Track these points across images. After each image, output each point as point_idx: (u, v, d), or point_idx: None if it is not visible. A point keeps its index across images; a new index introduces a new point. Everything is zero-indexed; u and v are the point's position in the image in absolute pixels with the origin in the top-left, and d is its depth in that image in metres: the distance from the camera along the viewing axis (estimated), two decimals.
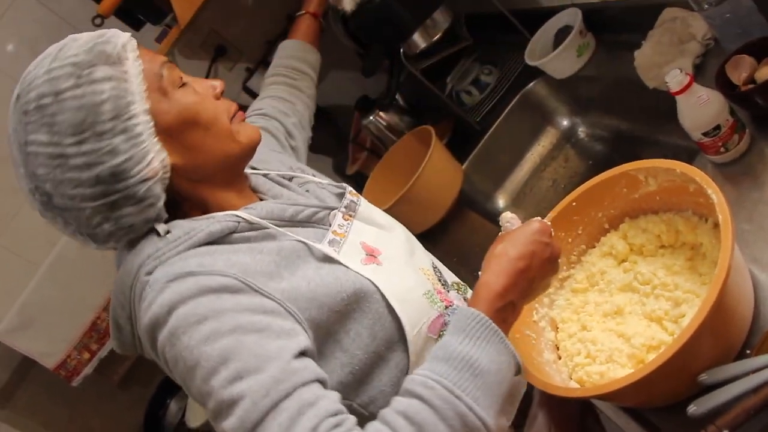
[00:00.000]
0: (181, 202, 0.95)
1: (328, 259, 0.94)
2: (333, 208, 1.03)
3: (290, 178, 1.12)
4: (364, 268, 0.95)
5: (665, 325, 0.94)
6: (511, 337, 0.98)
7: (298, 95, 1.51)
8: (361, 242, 1.00)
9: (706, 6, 1.14)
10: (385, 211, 1.59)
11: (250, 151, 1.00)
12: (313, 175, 1.16)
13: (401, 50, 1.76)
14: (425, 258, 1.13)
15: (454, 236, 1.74)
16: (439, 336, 0.98)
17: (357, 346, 0.92)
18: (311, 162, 2.59)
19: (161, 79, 0.90)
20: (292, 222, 0.98)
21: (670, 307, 0.95)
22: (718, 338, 0.86)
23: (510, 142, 1.83)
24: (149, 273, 0.87)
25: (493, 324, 0.81)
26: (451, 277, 1.17)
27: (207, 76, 2.36)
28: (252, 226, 0.93)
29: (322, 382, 0.81)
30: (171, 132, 0.91)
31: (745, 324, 0.90)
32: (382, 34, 1.69)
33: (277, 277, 0.88)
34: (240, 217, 0.93)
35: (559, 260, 0.93)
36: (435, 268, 1.13)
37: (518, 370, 0.84)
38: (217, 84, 0.98)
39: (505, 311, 0.85)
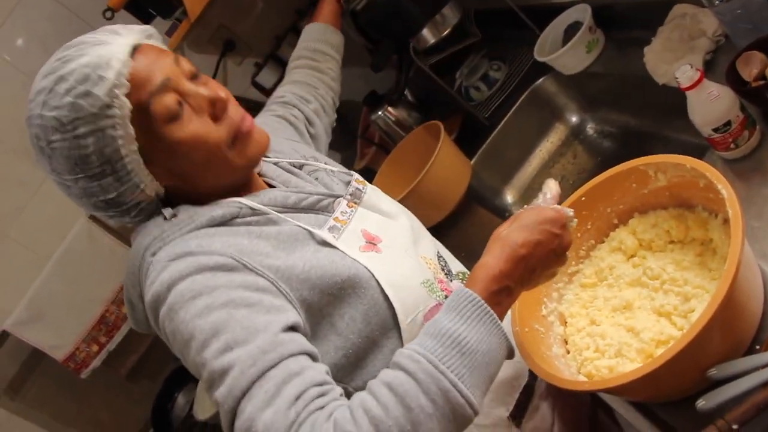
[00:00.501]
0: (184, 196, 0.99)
1: (326, 244, 0.97)
2: (338, 196, 1.05)
3: (300, 166, 1.13)
4: (361, 254, 0.97)
5: (674, 320, 0.94)
6: (520, 331, 0.99)
7: (320, 78, 1.52)
8: (362, 229, 1.02)
9: (717, 2, 1.14)
10: None
11: (251, 168, 1.01)
12: (325, 163, 1.17)
13: (410, 45, 1.76)
14: (430, 247, 1.14)
15: (462, 231, 1.74)
16: None
17: (351, 330, 0.94)
18: None
19: (151, 117, 0.90)
20: (296, 208, 1.00)
21: (679, 302, 0.95)
22: (728, 333, 0.86)
23: (519, 137, 1.83)
24: (154, 254, 0.92)
25: (486, 305, 0.80)
26: (457, 266, 1.17)
27: (216, 71, 2.37)
28: (254, 212, 0.97)
29: (311, 356, 0.83)
30: (163, 165, 0.94)
31: (755, 319, 0.90)
32: (392, 29, 1.69)
33: (273, 257, 0.91)
34: (243, 203, 0.97)
35: (568, 254, 0.92)
36: (440, 257, 1.13)
37: (510, 353, 0.83)
38: (218, 98, 0.95)
39: (501, 295, 0.84)
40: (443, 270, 1.10)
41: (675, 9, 1.39)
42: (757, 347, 0.89)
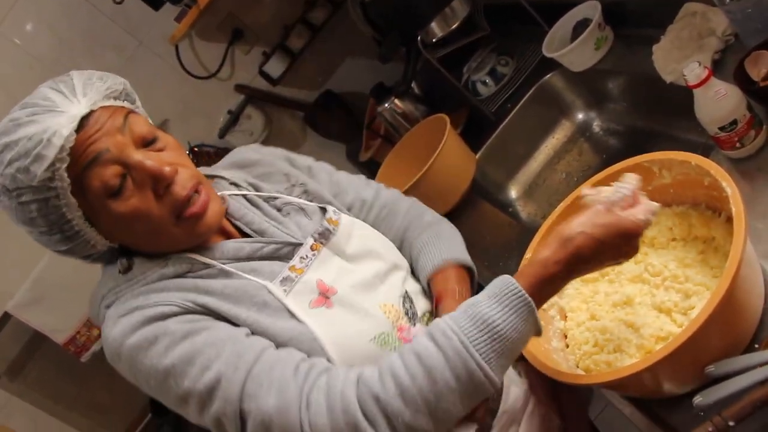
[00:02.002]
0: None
1: (273, 303, 0.94)
2: (299, 244, 1.01)
3: (273, 200, 1.08)
4: (309, 312, 0.95)
5: (674, 317, 0.94)
6: None
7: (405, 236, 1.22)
8: (317, 280, 0.98)
9: (728, 1, 1.13)
10: None
11: (199, 242, 0.97)
12: (303, 195, 1.11)
13: (419, 38, 1.76)
14: (395, 289, 1.06)
15: (465, 225, 1.74)
16: None
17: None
18: (325, 148, 2.61)
19: (89, 194, 0.88)
20: (250, 258, 0.98)
21: (680, 299, 0.95)
22: (727, 331, 0.86)
23: (524, 133, 1.83)
24: (107, 307, 0.94)
25: (528, 297, 0.82)
26: (424, 306, 1.09)
27: (223, 60, 2.38)
28: (207, 266, 0.96)
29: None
30: (109, 231, 0.94)
31: (755, 318, 0.90)
32: (400, 21, 1.69)
33: (220, 305, 0.92)
34: (195, 259, 0.96)
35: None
36: (405, 299, 1.06)
37: (538, 332, 0.86)
38: (160, 176, 0.90)
39: (546, 292, 0.86)
40: (407, 314, 1.04)
41: (685, 7, 1.38)
42: (756, 346, 0.89)
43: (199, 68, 2.40)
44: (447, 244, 1.14)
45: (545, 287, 0.85)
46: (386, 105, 2.01)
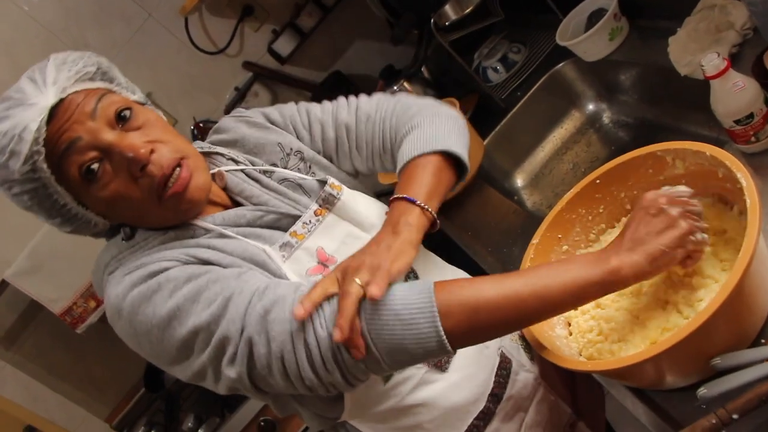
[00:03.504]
0: None
1: (269, 270, 0.95)
2: (297, 216, 1.00)
3: (270, 174, 1.06)
4: (305, 280, 0.93)
5: (681, 309, 0.92)
6: None
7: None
8: (317, 248, 0.98)
9: None
10: None
11: (185, 218, 0.97)
12: (300, 164, 1.08)
13: (432, 20, 1.74)
14: None
15: (470, 210, 1.73)
16: None
17: None
18: None
19: (70, 181, 0.89)
20: (251, 225, 0.99)
21: (687, 291, 0.93)
22: (735, 324, 0.85)
23: (533, 122, 1.81)
24: (111, 273, 0.94)
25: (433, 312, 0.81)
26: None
27: (232, 37, 2.36)
28: (207, 231, 0.97)
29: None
30: (101, 213, 0.95)
31: (763, 313, 0.89)
32: (414, 2, 1.67)
33: (221, 261, 0.93)
34: (197, 225, 0.97)
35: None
36: (410, 273, 1.04)
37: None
38: (132, 159, 0.88)
39: (610, 288, 0.84)
40: None
41: (704, 0, 1.37)
42: (763, 341, 0.88)
43: (208, 43, 2.38)
44: (429, 131, 1.02)
45: (593, 290, 0.83)
46: (395, 87, 2.00)
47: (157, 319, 0.86)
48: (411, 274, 1.04)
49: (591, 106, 1.78)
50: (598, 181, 1.08)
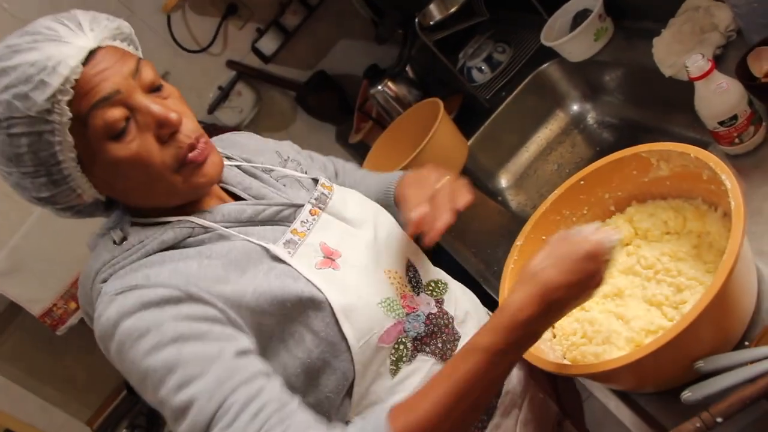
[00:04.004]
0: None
1: (280, 261, 0.92)
2: (300, 205, 0.99)
3: (269, 171, 1.06)
4: (316, 273, 0.92)
5: (665, 311, 0.93)
6: None
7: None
8: (320, 243, 0.96)
9: None
10: None
11: (197, 195, 0.94)
12: (297, 168, 1.11)
13: (416, 20, 1.73)
14: (398, 257, 1.04)
15: None
16: (395, 344, 0.95)
17: (301, 350, 0.90)
18: (315, 129, 2.58)
19: (89, 134, 0.83)
20: (252, 222, 0.95)
21: (671, 292, 0.94)
22: (719, 327, 0.84)
23: (518, 122, 1.81)
24: (104, 281, 0.89)
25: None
26: (429, 275, 1.08)
27: (216, 35, 2.33)
28: (207, 230, 0.92)
29: (266, 374, 0.83)
30: (102, 178, 0.88)
31: (746, 315, 0.89)
32: (398, 2, 1.66)
33: (223, 281, 0.87)
34: (195, 222, 0.92)
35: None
36: (410, 267, 1.05)
37: None
38: (166, 120, 0.86)
39: (524, 339, 0.81)
40: (410, 283, 1.03)
41: (688, 1, 1.37)
42: (746, 344, 0.88)
43: (191, 42, 2.35)
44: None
45: (518, 334, 0.80)
46: (379, 87, 1.98)
47: (135, 367, 0.82)
48: (411, 268, 1.05)
49: (576, 107, 1.78)
50: (582, 182, 1.07)
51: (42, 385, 2.51)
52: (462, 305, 1.08)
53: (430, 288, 1.06)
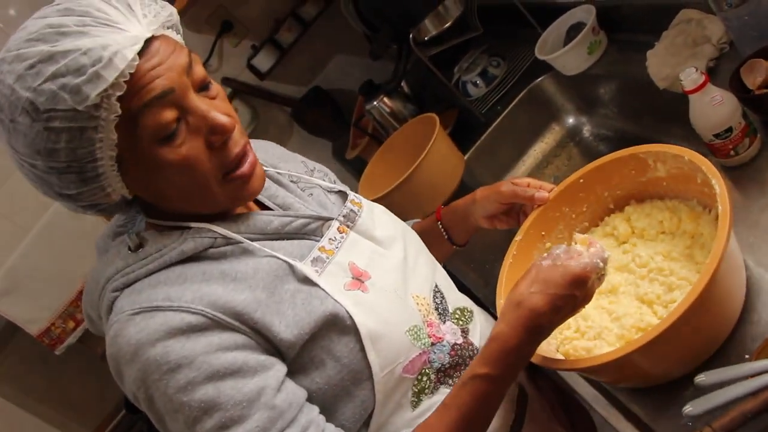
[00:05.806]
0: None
1: (307, 281, 0.86)
2: (329, 219, 0.94)
3: (296, 181, 1.02)
4: (345, 294, 0.87)
5: (655, 309, 0.94)
6: None
7: None
8: (349, 262, 0.91)
9: (726, 7, 1.12)
10: (383, 197, 1.58)
11: (234, 206, 0.90)
12: (324, 178, 1.07)
13: (411, 35, 1.74)
14: (426, 280, 1.01)
15: None
16: (419, 375, 0.91)
17: (320, 376, 0.86)
18: (311, 145, 2.58)
19: (139, 129, 0.76)
20: (278, 235, 0.90)
21: (662, 291, 0.95)
22: (703, 326, 0.87)
23: (514, 136, 1.82)
24: (116, 290, 0.83)
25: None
26: (455, 302, 1.04)
27: (211, 52, 2.34)
28: (229, 241, 0.86)
29: (306, 405, 0.83)
30: (139, 179, 0.81)
31: (733, 316, 0.91)
32: (393, 17, 1.67)
33: (252, 309, 0.82)
34: (217, 233, 0.86)
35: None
36: (436, 293, 1.01)
37: None
38: (220, 127, 0.80)
39: (515, 364, 0.83)
40: (437, 310, 0.98)
41: (681, 14, 1.38)
42: (747, 357, 0.88)
43: None
44: None
45: (510, 360, 0.82)
46: (375, 103, 1.99)
47: (165, 400, 0.77)
48: (438, 294, 1.02)
49: (571, 120, 1.78)
50: (581, 180, 1.09)
51: (39, 405, 2.50)
52: (486, 334, 1.02)
53: (456, 316, 1.01)
